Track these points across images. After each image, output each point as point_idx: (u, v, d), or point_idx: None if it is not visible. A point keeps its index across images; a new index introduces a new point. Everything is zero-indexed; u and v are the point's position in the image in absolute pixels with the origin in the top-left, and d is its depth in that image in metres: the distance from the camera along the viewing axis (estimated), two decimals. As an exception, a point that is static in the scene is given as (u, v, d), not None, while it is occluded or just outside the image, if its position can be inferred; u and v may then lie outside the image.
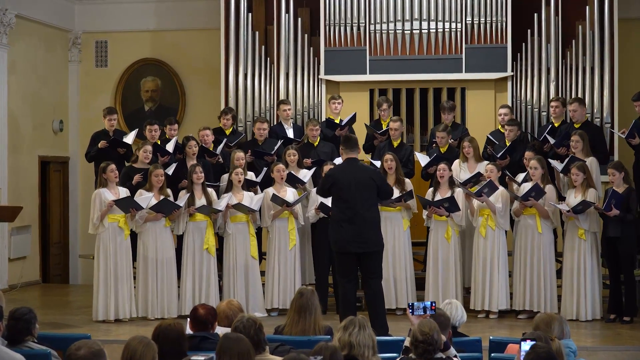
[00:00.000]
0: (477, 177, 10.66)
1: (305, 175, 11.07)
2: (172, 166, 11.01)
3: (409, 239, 10.81)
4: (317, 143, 11.65)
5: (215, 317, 5.89)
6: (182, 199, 10.56)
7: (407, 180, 10.78)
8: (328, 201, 10.10)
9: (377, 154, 11.43)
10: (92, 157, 11.65)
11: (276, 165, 10.88)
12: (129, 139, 11.57)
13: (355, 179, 8.92)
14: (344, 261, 8.99)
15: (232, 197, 10.65)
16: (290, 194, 10.81)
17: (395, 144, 11.48)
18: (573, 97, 12.04)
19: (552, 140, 10.90)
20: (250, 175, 11.10)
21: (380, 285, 9.04)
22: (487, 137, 11.49)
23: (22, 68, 13.84)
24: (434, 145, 11.43)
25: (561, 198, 10.50)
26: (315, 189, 10.85)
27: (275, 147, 11.39)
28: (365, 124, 12.03)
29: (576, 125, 11.13)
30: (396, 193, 10.32)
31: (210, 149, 11.28)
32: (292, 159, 11.12)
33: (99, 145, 11.45)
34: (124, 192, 10.46)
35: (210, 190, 10.70)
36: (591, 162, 10.49)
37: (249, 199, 10.70)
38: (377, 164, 10.85)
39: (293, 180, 10.98)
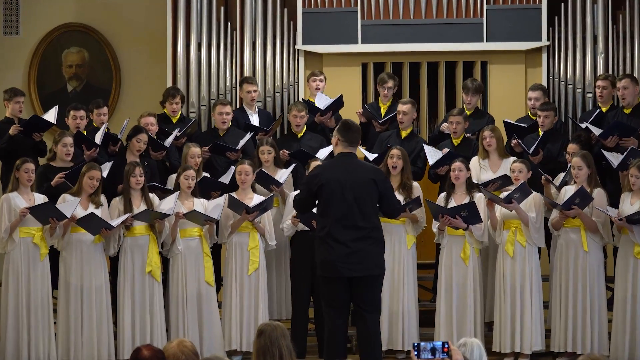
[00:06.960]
0: (503, 181, 10.61)
1: (282, 175, 10.95)
2: (106, 165, 10.93)
3: (414, 260, 10.80)
4: (301, 134, 11.59)
5: (164, 363, 5.88)
6: (117, 219, 10.43)
7: (415, 184, 10.74)
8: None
9: (378, 145, 11.37)
10: (1, 150, 11.54)
11: (240, 164, 10.79)
12: (50, 117, 11.45)
13: (353, 181, 8.79)
14: (333, 289, 8.89)
15: (180, 205, 10.57)
16: (257, 201, 10.67)
17: (404, 134, 11.46)
18: (626, 72, 12.11)
19: (596, 131, 10.88)
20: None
21: (377, 321, 9.00)
22: (505, 122, 11.45)
23: None
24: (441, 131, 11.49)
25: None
26: (294, 192, 10.71)
27: (242, 141, 11.30)
28: (364, 105, 12.02)
29: (626, 111, 11.24)
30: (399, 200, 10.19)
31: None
32: (267, 157, 11.03)
33: (10, 131, 11.36)
34: (40, 198, 10.44)
35: (152, 195, 10.62)
36: None
37: (202, 207, 10.63)
38: (371, 157, 10.81)
39: (266, 181, 10.85)
